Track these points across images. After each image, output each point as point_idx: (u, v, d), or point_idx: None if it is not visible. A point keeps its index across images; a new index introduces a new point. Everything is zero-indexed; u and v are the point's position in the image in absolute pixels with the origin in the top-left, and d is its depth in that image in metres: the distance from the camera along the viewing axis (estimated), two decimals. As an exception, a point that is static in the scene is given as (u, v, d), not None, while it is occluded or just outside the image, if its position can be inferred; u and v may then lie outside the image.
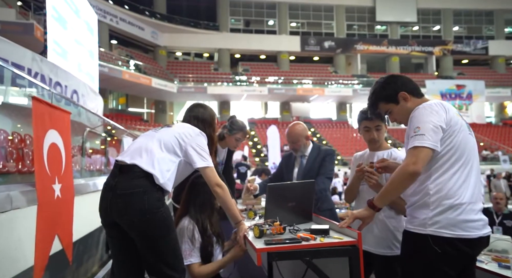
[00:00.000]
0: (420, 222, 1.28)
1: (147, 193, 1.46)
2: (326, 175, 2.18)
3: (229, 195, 1.60)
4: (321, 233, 1.42)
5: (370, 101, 1.51)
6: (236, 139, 2.28)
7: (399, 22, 25.60)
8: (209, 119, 1.84)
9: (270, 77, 23.24)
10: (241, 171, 7.52)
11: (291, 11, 24.75)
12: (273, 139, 8.99)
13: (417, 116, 1.31)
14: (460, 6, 25.60)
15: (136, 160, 1.51)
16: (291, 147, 2.29)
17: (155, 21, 21.70)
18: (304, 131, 2.27)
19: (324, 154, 2.23)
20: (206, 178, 1.59)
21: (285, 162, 2.39)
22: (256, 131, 21.93)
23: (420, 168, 1.24)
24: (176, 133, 1.63)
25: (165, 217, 1.49)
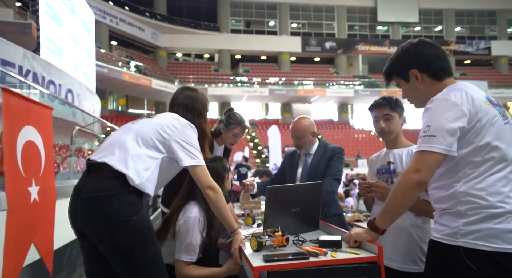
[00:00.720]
0: (450, 231, 1.06)
1: (116, 196, 1.22)
2: (334, 176, 1.96)
3: (224, 199, 1.39)
4: (331, 245, 1.19)
5: (384, 69, 1.28)
6: (233, 135, 2.05)
7: (401, 23, 25.44)
8: (200, 107, 1.56)
9: (271, 78, 23.10)
10: (242, 172, 7.36)
11: (292, 11, 24.63)
12: (274, 140, 8.82)
13: (430, 111, 1.09)
14: (462, 6, 25.44)
15: (107, 158, 1.28)
16: (295, 143, 2.08)
17: (155, 22, 21.62)
18: (311, 126, 2.06)
19: (332, 152, 2.02)
20: (196, 178, 1.37)
21: (288, 161, 2.19)
22: (257, 132, 21.78)
23: (426, 177, 1.05)
24: (157, 125, 1.39)
25: (139, 227, 1.24)
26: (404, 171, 1.09)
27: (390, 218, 1.14)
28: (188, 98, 1.55)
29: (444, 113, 1.06)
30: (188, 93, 1.58)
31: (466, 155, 1.06)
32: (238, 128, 2.05)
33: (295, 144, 2.07)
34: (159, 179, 1.37)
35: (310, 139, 2.06)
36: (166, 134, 1.37)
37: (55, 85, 4.70)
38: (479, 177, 1.05)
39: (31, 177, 1.53)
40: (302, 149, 2.08)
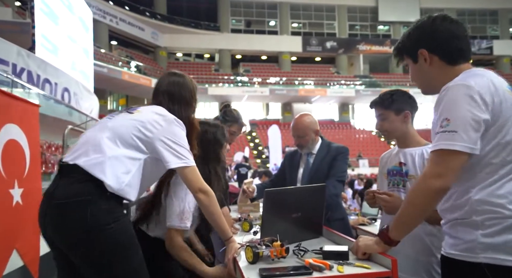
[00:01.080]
0: (466, 245, 0.90)
1: (91, 202, 1.07)
2: (338, 178, 1.82)
3: (217, 204, 1.25)
4: (337, 257, 1.05)
5: (395, 46, 1.12)
6: (230, 133, 1.89)
7: (402, 22, 25.30)
8: (187, 96, 1.37)
9: (272, 78, 23.00)
10: (242, 172, 7.26)
11: (293, 11, 24.52)
12: (274, 139, 8.71)
13: (447, 101, 0.91)
14: (463, 5, 25.31)
15: (80, 160, 1.12)
16: (297, 142, 1.94)
17: (156, 21, 21.54)
18: (313, 124, 1.93)
19: (335, 152, 1.88)
20: (186, 181, 1.23)
21: (289, 161, 2.06)
22: (257, 132, 21.67)
23: (449, 183, 0.88)
24: (138, 121, 1.21)
25: (118, 236, 1.10)
26: (423, 176, 0.93)
27: (405, 229, 0.99)
28: (174, 85, 1.35)
29: (464, 103, 0.87)
30: (174, 79, 1.38)
31: (485, 155, 0.89)
32: (235, 126, 1.92)
33: (297, 143, 1.94)
34: (143, 182, 1.23)
35: (313, 138, 1.93)
36: (149, 132, 1.20)
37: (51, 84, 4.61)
38: (499, 182, 0.89)
39: (13, 178, 1.43)
40: (304, 148, 1.95)
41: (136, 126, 1.20)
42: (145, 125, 1.20)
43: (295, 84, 22.79)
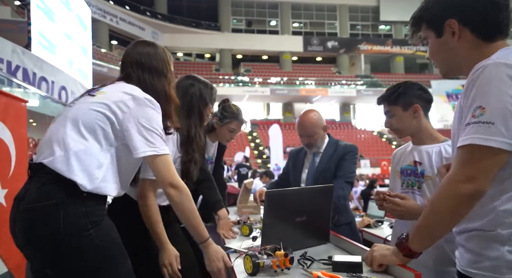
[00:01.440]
0: (490, 263, 0.76)
1: (64, 205, 0.92)
2: (346, 179, 1.70)
3: (191, 200, 1.09)
4: (349, 269, 0.92)
5: (413, 14, 0.92)
6: (229, 130, 1.78)
7: (404, 22, 25.16)
8: (160, 66, 1.17)
9: (272, 78, 22.90)
10: (242, 172, 7.16)
11: (294, 11, 24.44)
12: (275, 139, 8.61)
13: (482, 84, 0.72)
14: (465, 5, 25.15)
15: (46, 158, 0.97)
16: (305, 142, 1.80)
17: (156, 21, 21.50)
18: (321, 120, 1.80)
19: (343, 151, 1.75)
20: (155, 173, 1.06)
21: (293, 161, 1.94)
22: (258, 132, 21.58)
23: (484, 186, 0.72)
24: (102, 105, 1.02)
25: (100, 243, 0.94)
26: (449, 178, 0.77)
27: (429, 241, 0.84)
28: (143, 55, 1.15)
29: (505, 86, 0.69)
30: (143, 48, 1.17)
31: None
32: (234, 123, 1.78)
33: (305, 142, 1.80)
34: (123, 174, 1.06)
35: (321, 135, 1.79)
36: (115, 116, 1.02)
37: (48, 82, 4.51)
38: None
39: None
40: (313, 147, 1.81)
41: (100, 111, 1.02)
42: (110, 108, 1.02)
43: (296, 84, 22.69)
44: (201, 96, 1.49)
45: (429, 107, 1.34)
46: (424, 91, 1.34)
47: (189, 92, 1.45)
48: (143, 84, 1.12)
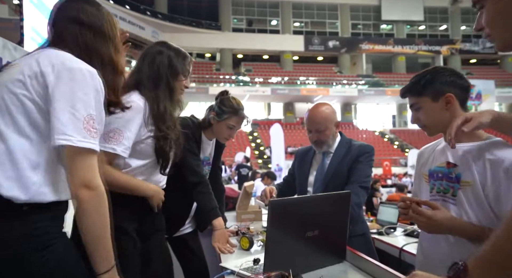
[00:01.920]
0: None
1: None
2: (361, 183, 1.47)
3: (106, 213, 0.82)
4: None
5: None
6: (228, 127, 1.55)
7: (405, 21, 25.02)
8: (105, 27, 0.92)
9: (273, 78, 22.75)
10: (243, 173, 7.01)
11: (295, 10, 24.29)
12: (276, 139, 8.45)
13: None
14: (468, 4, 24.85)
15: None
16: (314, 138, 1.56)
17: (156, 20, 21.38)
18: (334, 114, 1.59)
19: (358, 152, 1.53)
20: (70, 168, 0.79)
21: (299, 161, 1.71)
22: (259, 132, 21.43)
23: None
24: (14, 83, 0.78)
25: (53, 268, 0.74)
26: None
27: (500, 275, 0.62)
28: (82, 11, 0.89)
29: None
30: (80, 5, 0.90)
31: None
32: (233, 119, 1.55)
33: (314, 139, 1.57)
34: None
35: (333, 132, 1.56)
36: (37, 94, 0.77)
37: (41, 80, 4.37)
38: None
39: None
40: (323, 145, 1.57)
41: (13, 92, 0.77)
42: (27, 84, 0.77)
43: (297, 83, 22.53)
44: (171, 65, 1.24)
45: (466, 96, 1.08)
46: (459, 76, 1.09)
47: (156, 60, 1.23)
48: (83, 46, 0.86)
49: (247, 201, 1.77)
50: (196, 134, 1.53)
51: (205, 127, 1.58)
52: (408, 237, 1.70)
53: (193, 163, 1.46)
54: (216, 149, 1.69)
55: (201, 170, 1.50)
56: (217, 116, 1.54)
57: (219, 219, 1.40)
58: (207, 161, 1.63)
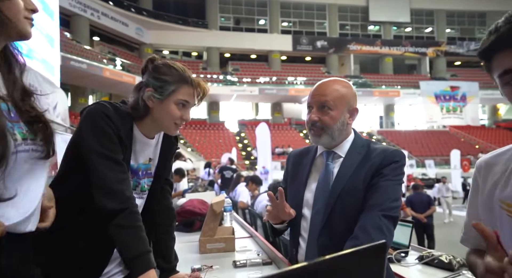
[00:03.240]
0: None
1: None
2: (385, 211, 0.94)
3: None
4: None
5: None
6: (178, 104, 0.98)
7: (392, 22, 25.16)
8: None
9: (261, 77, 22.41)
10: (226, 176, 6.59)
11: (283, 9, 24.05)
12: (263, 139, 8.09)
13: None
14: (453, 7, 25.33)
15: None
16: (313, 119, 1.03)
17: (141, 17, 20.70)
18: (351, 96, 1.06)
19: (381, 159, 0.99)
20: None
21: (292, 169, 1.16)
22: (246, 132, 21.06)
23: None
24: None
25: None
26: None
27: None
28: None
29: None
30: None
31: None
32: (184, 89, 0.98)
33: (312, 120, 1.04)
34: None
35: (344, 120, 1.03)
36: None
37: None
38: None
39: None
40: (323, 135, 1.03)
41: None
42: None
43: (285, 83, 22.26)
44: None
45: None
46: None
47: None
48: None
49: (214, 224, 1.30)
50: (121, 127, 0.93)
51: (139, 118, 1.00)
52: (426, 267, 1.34)
53: (111, 176, 0.89)
54: (163, 152, 1.10)
55: (125, 188, 0.92)
56: (156, 92, 0.96)
57: (149, 273, 0.86)
58: (147, 170, 1.06)
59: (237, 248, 1.31)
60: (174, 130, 1.02)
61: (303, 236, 1.05)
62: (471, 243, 0.77)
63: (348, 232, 0.95)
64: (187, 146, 18.37)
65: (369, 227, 0.92)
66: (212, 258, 1.22)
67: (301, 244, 1.05)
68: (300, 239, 1.06)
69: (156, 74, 0.98)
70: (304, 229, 1.05)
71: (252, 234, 1.61)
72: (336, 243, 0.95)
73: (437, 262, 1.31)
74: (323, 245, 0.99)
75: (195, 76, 1.03)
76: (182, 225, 1.72)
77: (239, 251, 1.29)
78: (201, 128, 21.33)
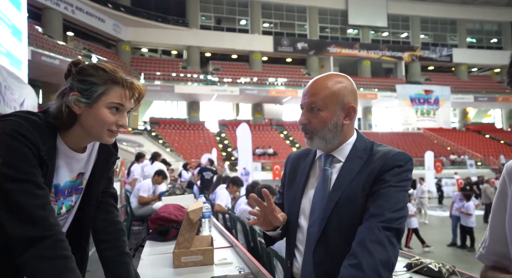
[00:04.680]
0: None
1: None
2: (386, 222, 0.82)
3: None
4: None
5: None
6: (111, 108, 0.87)
7: (370, 26, 25.81)
8: None
9: (242, 78, 22.29)
10: (206, 177, 6.44)
11: (264, 10, 24.07)
12: (243, 140, 7.98)
13: None
14: (427, 13, 26.33)
15: None
16: (302, 121, 0.97)
17: (118, 13, 20.01)
18: (347, 92, 0.95)
19: (383, 163, 0.88)
20: None
21: (290, 174, 1.06)
22: (227, 133, 20.87)
23: None
24: None
25: None
26: None
27: None
28: None
29: None
30: None
31: None
32: (115, 90, 0.86)
33: (301, 123, 0.98)
34: None
35: (337, 121, 0.93)
36: None
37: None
38: None
39: None
40: (315, 138, 0.95)
41: None
42: None
43: (266, 84, 22.27)
44: None
45: None
46: None
47: None
48: None
49: (190, 235, 1.16)
50: (42, 145, 0.81)
51: (64, 128, 0.87)
52: (416, 276, 1.28)
53: (31, 202, 0.75)
54: (99, 164, 0.97)
55: (49, 214, 0.78)
56: (84, 95, 0.85)
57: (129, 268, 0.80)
58: (77, 186, 0.93)
59: (216, 261, 1.18)
60: (109, 138, 0.89)
61: (299, 248, 0.96)
62: (493, 261, 0.67)
63: (345, 246, 0.85)
64: (166, 146, 17.94)
65: (368, 242, 0.80)
66: (187, 274, 1.08)
67: (297, 257, 0.96)
68: (296, 251, 0.97)
69: (81, 76, 0.86)
70: (300, 241, 0.96)
71: (233, 243, 1.49)
72: (333, 259, 0.86)
73: (426, 270, 1.26)
74: (319, 260, 0.90)
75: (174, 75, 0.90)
76: (156, 233, 1.58)
77: (218, 265, 1.17)
78: (180, 128, 20.91)
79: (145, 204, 4.42)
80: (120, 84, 0.87)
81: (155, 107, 24.19)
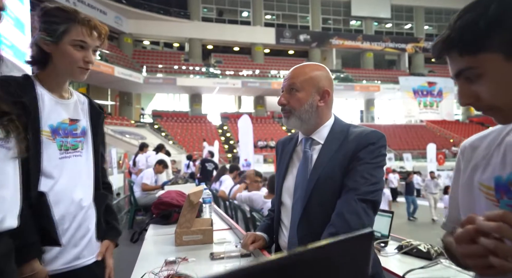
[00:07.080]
0: None
1: None
2: (361, 194, 0.91)
3: None
4: None
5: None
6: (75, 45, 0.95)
7: (374, 18, 25.52)
8: None
9: (244, 70, 22.23)
10: (208, 168, 6.53)
11: (266, 1, 23.86)
12: (245, 132, 8.04)
13: None
14: (431, 4, 25.96)
15: None
16: (280, 101, 1.05)
17: (120, 5, 19.91)
18: (323, 78, 1.04)
19: (357, 143, 0.96)
20: None
21: (279, 157, 1.17)
22: (229, 125, 20.92)
23: None
24: None
25: None
26: None
27: None
28: None
29: None
30: None
31: None
32: (76, 28, 0.94)
33: (279, 102, 1.06)
34: None
35: (313, 103, 1.01)
36: None
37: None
38: None
39: None
40: (291, 117, 1.04)
41: None
42: None
43: (268, 76, 22.21)
44: None
45: None
46: None
47: None
48: None
49: (191, 216, 1.25)
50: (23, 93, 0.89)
51: (41, 69, 0.95)
52: (405, 256, 1.35)
53: None
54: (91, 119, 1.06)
55: None
56: (48, 33, 0.92)
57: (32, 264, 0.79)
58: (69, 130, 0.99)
59: (215, 240, 1.27)
60: (81, 75, 0.99)
61: (285, 224, 1.06)
62: (451, 227, 0.74)
63: (326, 220, 0.94)
64: (169, 138, 18.05)
65: (345, 213, 0.90)
66: (188, 250, 1.17)
67: (284, 232, 1.06)
68: (282, 226, 1.07)
69: (45, 18, 0.95)
70: (286, 217, 1.05)
71: (232, 226, 1.57)
72: (316, 232, 0.95)
73: (415, 251, 1.33)
74: (303, 234, 0.99)
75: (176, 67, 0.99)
76: (159, 217, 1.66)
77: (217, 243, 1.26)
78: (183, 121, 20.98)
79: (148, 192, 4.52)
80: (79, 22, 0.95)
81: (157, 100, 24.26)
